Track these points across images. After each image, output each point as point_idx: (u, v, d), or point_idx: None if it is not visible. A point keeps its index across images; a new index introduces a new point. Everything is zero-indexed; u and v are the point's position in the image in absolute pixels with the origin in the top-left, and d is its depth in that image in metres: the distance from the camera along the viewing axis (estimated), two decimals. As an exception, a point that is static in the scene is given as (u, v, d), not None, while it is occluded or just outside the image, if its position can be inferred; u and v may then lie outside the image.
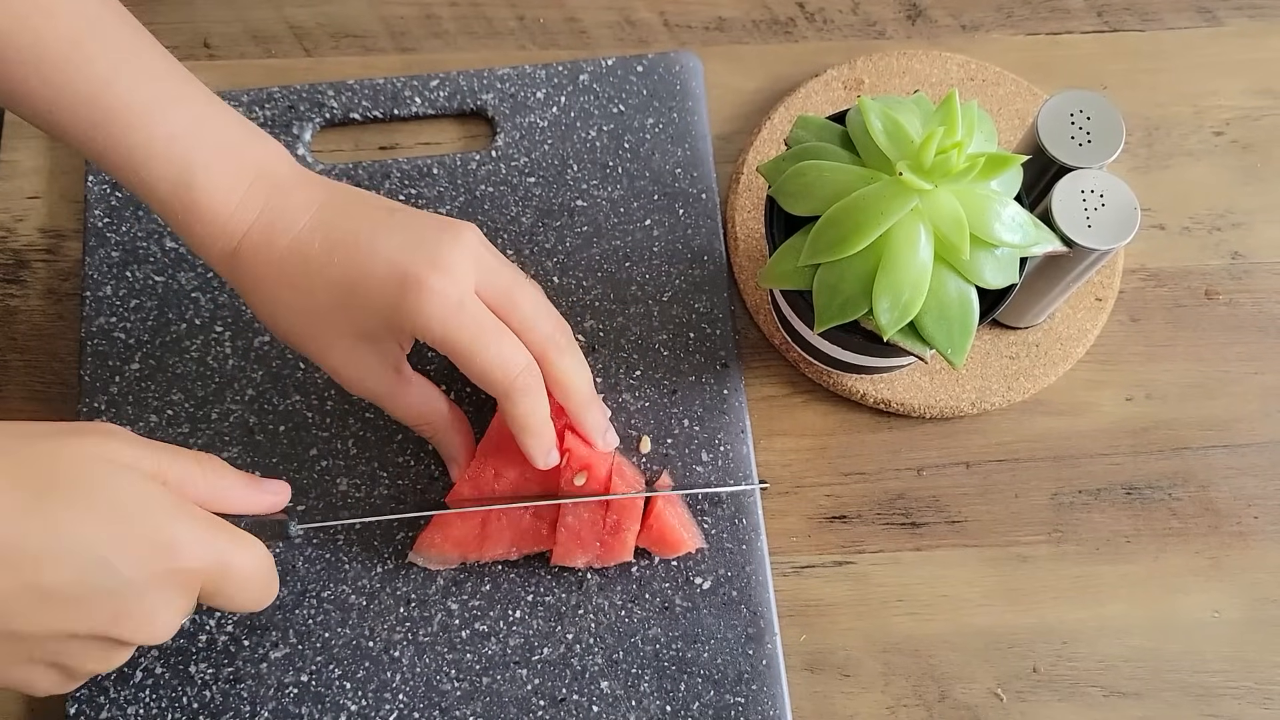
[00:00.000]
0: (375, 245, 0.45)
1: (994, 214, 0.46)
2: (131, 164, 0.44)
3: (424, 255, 0.45)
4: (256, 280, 0.46)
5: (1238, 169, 0.62)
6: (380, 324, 0.46)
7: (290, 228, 0.46)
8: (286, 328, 0.47)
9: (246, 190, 0.46)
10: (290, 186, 0.47)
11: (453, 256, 0.45)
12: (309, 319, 0.46)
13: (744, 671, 0.52)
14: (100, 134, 0.44)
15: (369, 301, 0.45)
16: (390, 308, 0.45)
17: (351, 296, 0.45)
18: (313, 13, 0.66)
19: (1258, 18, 0.65)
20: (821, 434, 0.58)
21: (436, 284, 0.44)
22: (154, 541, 0.39)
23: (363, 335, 0.46)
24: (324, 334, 0.46)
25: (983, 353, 0.58)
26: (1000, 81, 0.63)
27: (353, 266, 0.45)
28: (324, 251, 0.45)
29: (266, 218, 0.46)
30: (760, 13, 0.66)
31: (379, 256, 0.45)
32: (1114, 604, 0.55)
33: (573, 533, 0.51)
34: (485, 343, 0.45)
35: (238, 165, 0.46)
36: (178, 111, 0.45)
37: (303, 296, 0.46)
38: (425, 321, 0.45)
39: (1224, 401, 0.58)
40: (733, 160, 0.63)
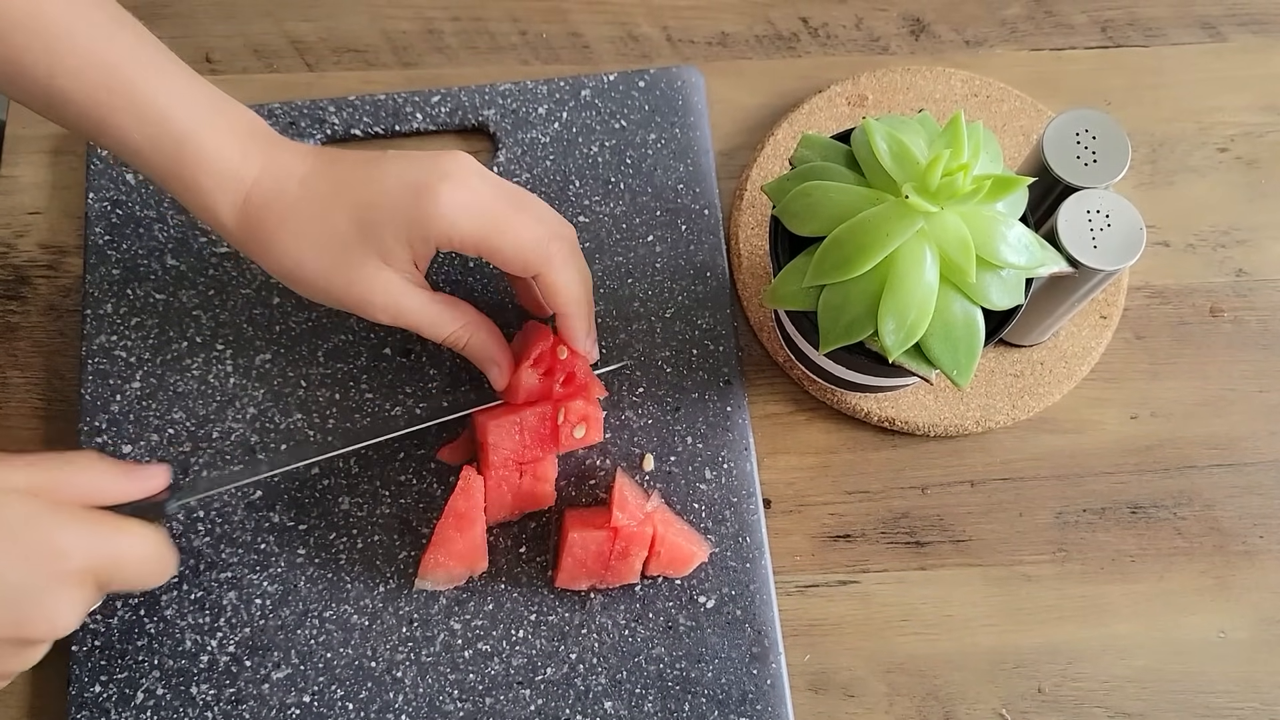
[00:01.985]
0: (382, 171, 0.48)
1: (1000, 235, 0.45)
2: (137, 127, 0.46)
3: (432, 170, 0.47)
4: (271, 230, 0.48)
5: (1242, 185, 0.62)
6: (401, 239, 0.47)
7: (295, 174, 0.48)
8: (308, 269, 0.48)
9: (246, 144, 0.48)
10: (278, 141, 0.49)
11: (459, 167, 0.48)
12: (330, 252, 0.48)
13: (748, 691, 0.52)
14: (106, 95, 0.45)
15: (388, 217, 0.47)
16: (412, 220, 0.47)
17: (368, 216, 0.47)
18: (314, 27, 0.65)
19: (1262, 34, 0.65)
20: (825, 452, 0.58)
21: (448, 188, 0.47)
22: (40, 551, 0.42)
23: (384, 256, 0.48)
24: (347, 264, 0.48)
25: (987, 371, 0.58)
26: (1004, 98, 0.63)
27: (366, 192, 0.47)
28: (333, 188, 0.48)
29: (270, 171, 0.48)
30: (763, 28, 0.66)
31: (389, 177, 0.47)
32: (1119, 624, 0.55)
33: (579, 561, 0.51)
34: (509, 223, 0.48)
35: (232, 123, 0.48)
36: (170, 77, 0.47)
37: (321, 229, 0.47)
38: (449, 220, 0.47)
39: (1229, 420, 0.58)
40: (735, 176, 0.63)
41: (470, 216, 0.47)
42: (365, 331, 0.58)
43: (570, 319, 0.51)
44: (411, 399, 0.57)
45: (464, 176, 0.48)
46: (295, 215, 0.48)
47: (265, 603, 0.53)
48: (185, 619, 0.53)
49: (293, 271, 0.48)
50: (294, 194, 0.48)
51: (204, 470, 0.55)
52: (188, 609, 0.53)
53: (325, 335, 0.58)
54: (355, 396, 0.57)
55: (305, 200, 0.48)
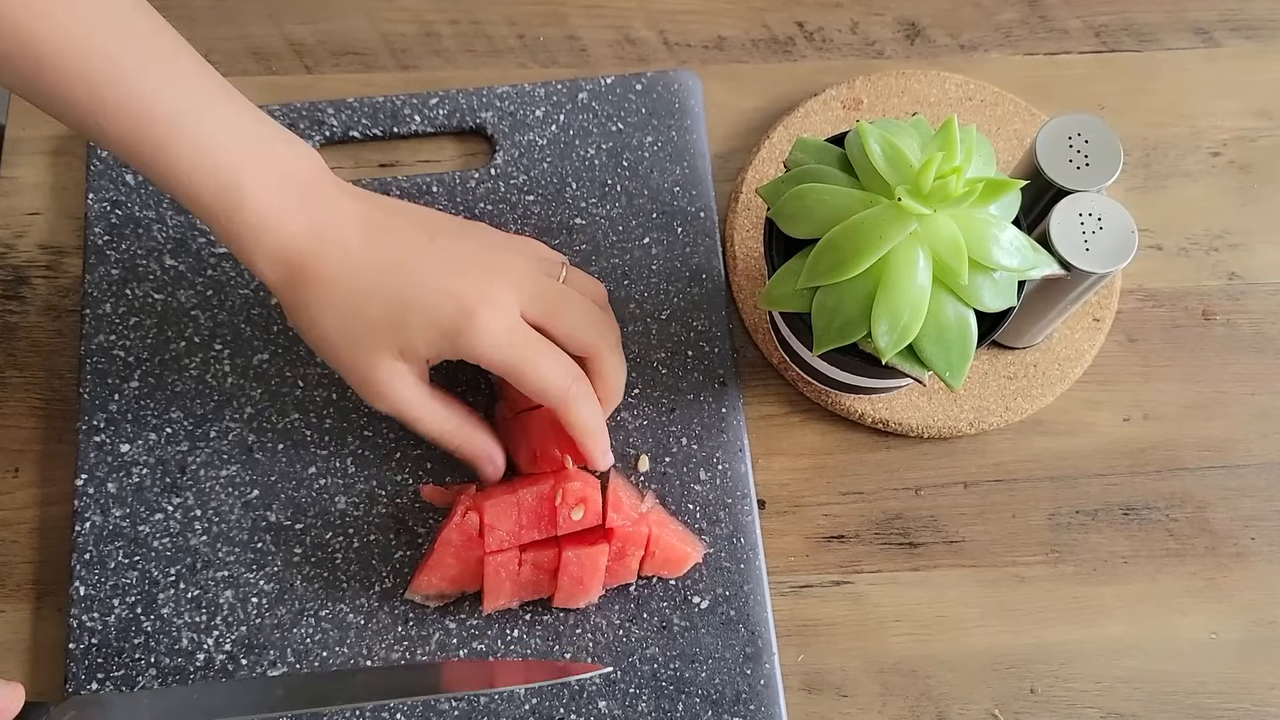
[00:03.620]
0: (429, 272, 0.48)
1: (992, 238, 0.46)
2: (175, 171, 0.45)
3: (475, 289, 0.48)
4: (302, 294, 0.47)
5: (1235, 190, 0.63)
6: (429, 346, 0.48)
7: (341, 239, 0.47)
8: (325, 337, 0.48)
9: (289, 193, 0.47)
10: (330, 193, 0.48)
11: (499, 289, 0.48)
12: (354, 333, 0.48)
13: (742, 691, 0.52)
14: (142, 141, 0.44)
15: (423, 325, 0.47)
16: (446, 337, 0.47)
17: (404, 318, 0.47)
18: (313, 30, 0.66)
19: (1255, 39, 0.66)
20: (819, 453, 0.58)
21: (489, 316, 0.47)
22: None
23: (404, 353, 0.48)
24: (364, 347, 0.48)
25: (981, 373, 0.58)
26: (998, 101, 0.63)
27: (407, 292, 0.47)
28: (378, 272, 0.48)
29: (315, 225, 0.47)
30: (759, 32, 0.66)
31: (434, 282, 0.48)
32: (1111, 625, 0.55)
33: (575, 580, 0.51)
34: (536, 363, 0.48)
35: (277, 168, 0.47)
36: (215, 116, 0.46)
37: (351, 310, 0.47)
38: (480, 349, 0.47)
39: (1221, 422, 0.58)
40: (731, 179, 0.63)
41: (500, 351, 0.48)
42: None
43: (584, 448, 0.51)
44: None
45: (506, 303, 0.48)
46: (331, 287, 0.47)
47: (261, 601, 0.53)
48: (182, 617, 0.53)
49: (313, 337, 0.49)
50: (335, 266, 0.47)
51: (201, 469, 0.55)
52: (184, 607, 0.53)
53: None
54: (352, 396, 0.57)
55: (345, 277, 0.47)
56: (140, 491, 0.55)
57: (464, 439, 0.52)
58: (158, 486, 0.55)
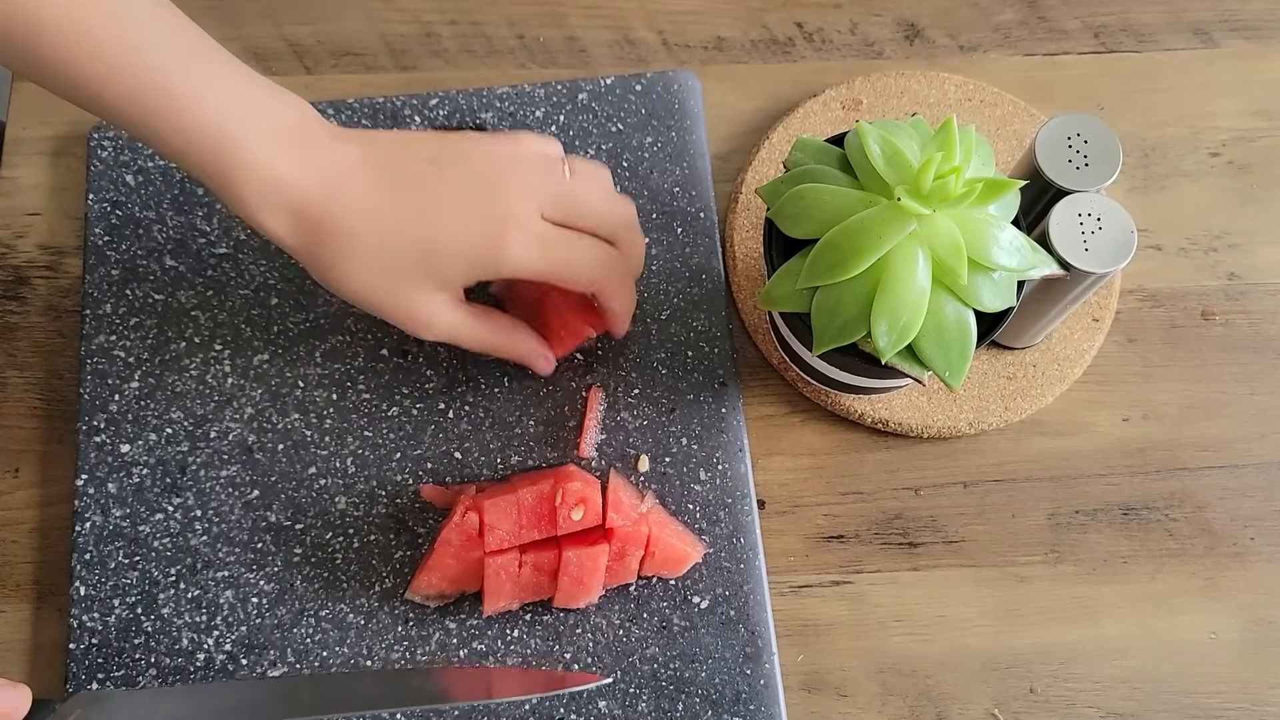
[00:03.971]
0: (449, 210, 0.48)
1: (991, 238, 0.46)
2: (174, 133, 0.45)
3: (496, 213, 0.48)
4: (330, 245, 0.48)
5: (1234, 190, 0.63)
6: (466, 276, 0.49)
7: (350, 187, 0.48)
8: (364, 287, 0.49)
9: (289, 147, 0.47)
10: (325, 140, 0.48)
11: (517, 204, 0.49)
12: (388, 276, 0.48)
13: (742, 691, 0.53)
14: (139, 107, 0.45)
15: (456, 260, 0.49)
16: (481, 266, 0.49)
17: (435, 258, 0.48)
18: (312, 30, 0.66)
19: (1254, 39, 0.66)
20: (819, 453, 0.58)
21: (514, 235, 0.48)
22: None
23: (442, 285, 0.49)
24: (403, 288, 0.49)
25: (980, 373, 0.58)
26: (998, 102, 0.63)
27: (434, 236, 0.48)
28: (397, 215, 0.48)
29: (321, 175, 0.47)
30: (759, 32, 0.66)
31: (457, 219, 0.48)
32: (1111, 625, 0.55)
33: (575, 580, 0.51)
34: (572, 261, 0.50)
35: (275, 122, 0.47)
36: (213, 78, 0.46)
37: (380, 256, 0.48)
38: (516, 265, 0.49)
39: (1221, 422, 0.58)
40: (731, 179, 0.63)
41: (535, 261, 0.49)
42: (363, 332, 0.58)
43: (616, 321, 0.55)
44: (408, 399, 0.57)
45: (528, 215, 0.49)
46: (353, 239, 0.47)
47: (262, 601, 0.53)
48: (182, 617, 0.53)
49: (346, 289, 0.49)
50: (353, 217, 0.47)
51: (201, 470, 0.55)
52: (184, 607, 0.53)
53: (323, 336, 0.58)
54: (352, 397, 0.57)
55: (367, 228, 0.47)
56: (140, 492, 0.55)
57: (514, 345, 0.54)
58: (158, 487, 0.55)
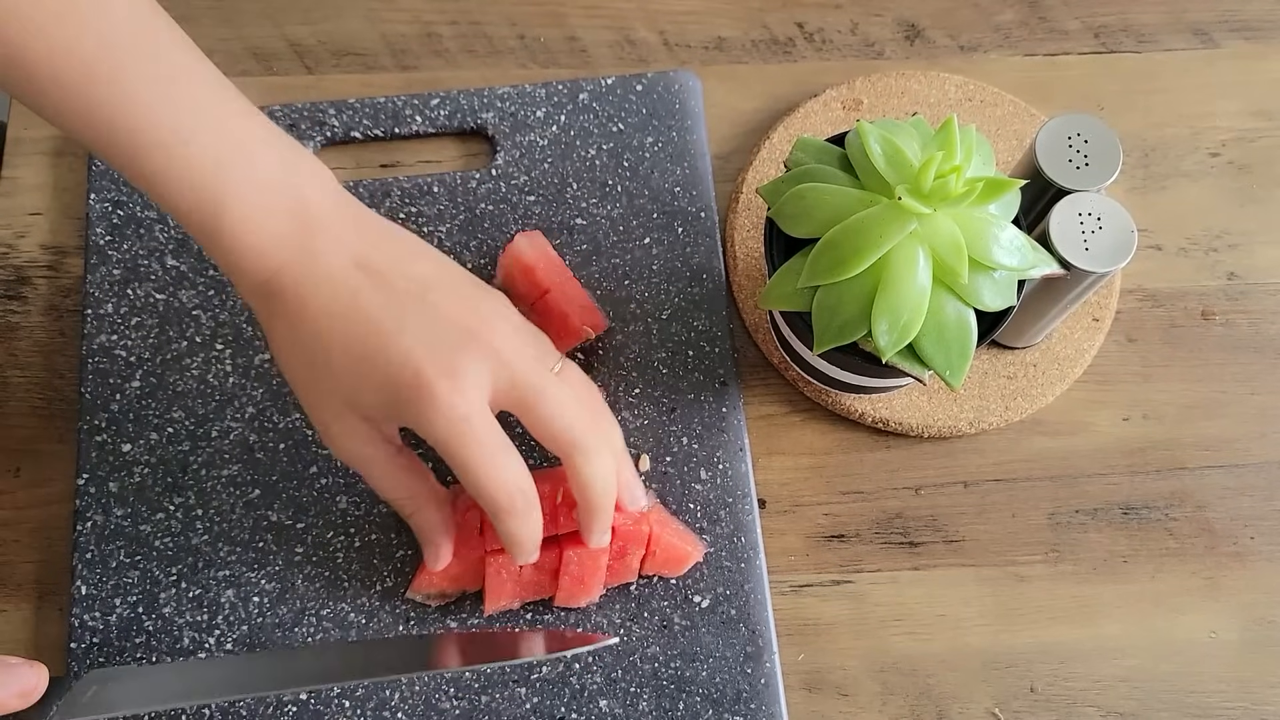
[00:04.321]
0: (398, 334, 0.44)
1: (992, 237, 0.46)
2: (157, 189, 0.43)
3: (441, 359, 0.43)
4: (280, 322, 0.45)
5: (1234, 190, 0.63)
6: (381, 410, 0.45)
7: (326, 280, 0.44)
8: (294, 375, 0.46)
9: (280, 221, 0.44)
10: (325, 222, 0.45)
11: (468, 364, 0.44)
12: (318, 375, 0.45)
13: (742, 690, 0.53)
14: (125, 157, 0.42)
15: (377, 388, 0.44)
16: (397, 403, 0.44)
17: (362, 376, 0.44)
18: (313, 31, 0.66)
19: (1254, 40, 0.66)
20: (820, 453, 0.58)
21: (445, 394, 0.43)
22: None
23: (355, 410, 0.46)
24: (326, 395, 0.45)
25: (980, 373, 0.58)
26: (998, 102, 0.63)
27: (371, 348, 0.44)
28: (349, 319, 0.44)
29: (301, 257, 0.44)
30: (759, 32, 0.66)
31: (398, 348, 0.44)
32: (1111, 624, 0.55)
33: (576, 580, 0.51)
34: (482, 462, 0.44)
35: (272, 194, 0.44)
36: (210, 131, 0.43)
37: (318, 356, 0.45)
38: (428, 429, 0.44)
39: (1221, 422, 0.58)
40: (732, 179, 0.63)
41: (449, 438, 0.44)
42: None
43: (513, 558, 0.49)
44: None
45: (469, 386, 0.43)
46: (303, 328, 0.44)
47: (263, 600, 0.54)
48: (183, 616, 0.53)
49: (280, 368, 0.47)
50: (311, 305, 0.44)
51: (203, 469, 0.56)
52: (185, 606, 0.53)
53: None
54: (353, 396, 0.57)
55: (318, 320, 0.44)
56: (142, 491, 0.55)
57: (412, 514, 0.50)
58: (159, 486, 0.55)
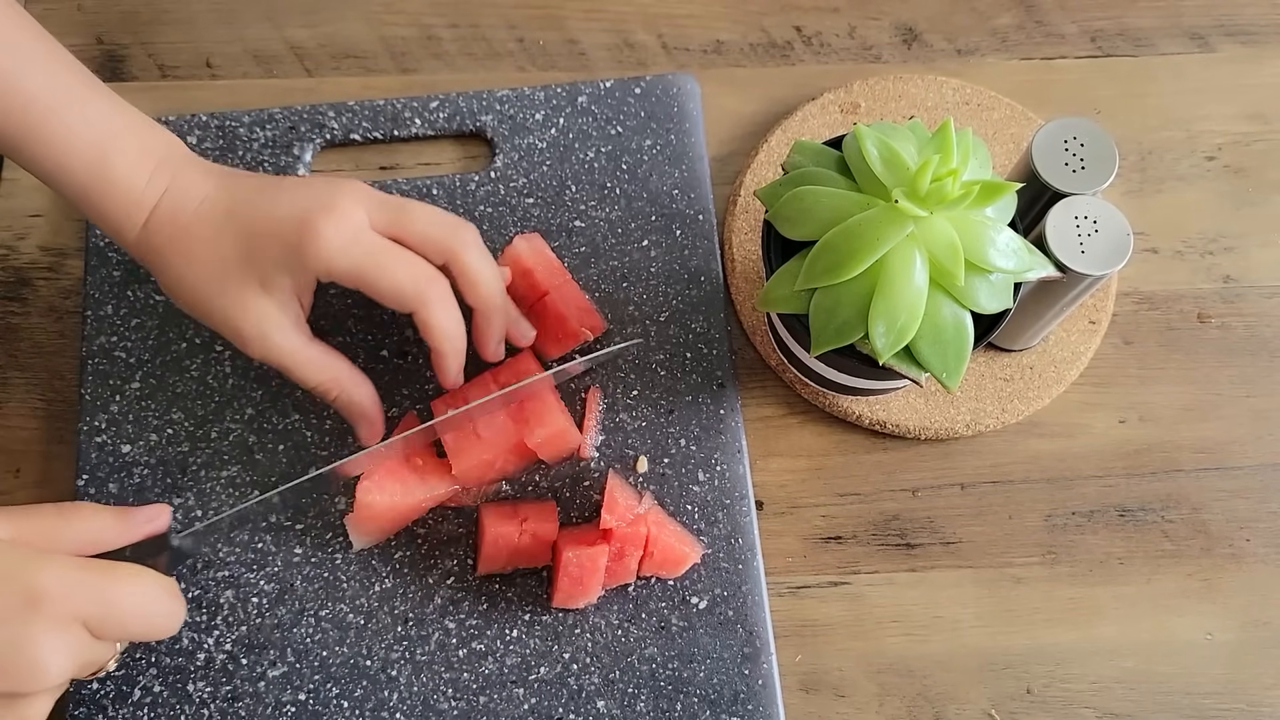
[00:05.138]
0: (273, 199, 0.49)
1: (988, 240, 0.46)
2: (50, 151, 0.48)
3: (316, 201, 0.49)
4: (163, 248, 0.49)
5: (1229, 193, 0.63)
6: (282, 268, 0.49)
7: (194, 197, 0.50)
8: (191, 288, 0.49)
9: (154, 170, 0.50)
10: (190, 165, 0.51)
11: (341, 198, 0.49)
12: (213, 274, 0.49)
13: (740, 691, 0.53)
14: (18, 124, 0.47)
15: (271, 245, 0.48)
16: (291, 250, 0.48)
17: (253, 243, 0.49)
18: (313, 33, 0.66)
19: (1249, 44, 0.66)
20: (817, 455, 0.58)
21: (331, 223, 0.48)
22: (18, 597, 0.40)
23: (264, 283, 0.49)
24: (225, 285, 0.49)
25: (977, 375, 0.58)
26: (995, 106, 0.63)
27: (254, 218, 0.49)
28: (226, 212, 0.49)
29: (171, 194, 0.50)
30: (757, 36, 0.66)
31: (278, 206, 0.49)
32: (1107, 625, 0.55)
33: (574, 580, 0.51)
34: (384, 264, 0.49)
35: (143, 149, 0.50)
36: (87, 101, 0.49)
37: (208, 250, 0.49)
38: (327, 257, 0.48)
39: (1216, 424, 0.59)
40: (730, 182, 0.63)
41: (347, 254, 0.48)
42: (363, 334, 0.58)
43: (440, 355, 0.51)
44: (408, 400, 0.57)
45: (348, 209, 0.49)
46: (187, 235, 0.49)
47: (262, 601, 0.54)
48: (182, 617, 0.53)
49: (175, 287, 0.50)
50: (190, 214, 0.49)
51: (202, 470, 0.56)
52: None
53: (323, 337, 0.58)
54: (352, 398, 0.57)
55: (199, 222, 0.49)
56: (141, 492, 0.55)
57: (343, 391, 0.52)
58: (159, 487, 0.55)
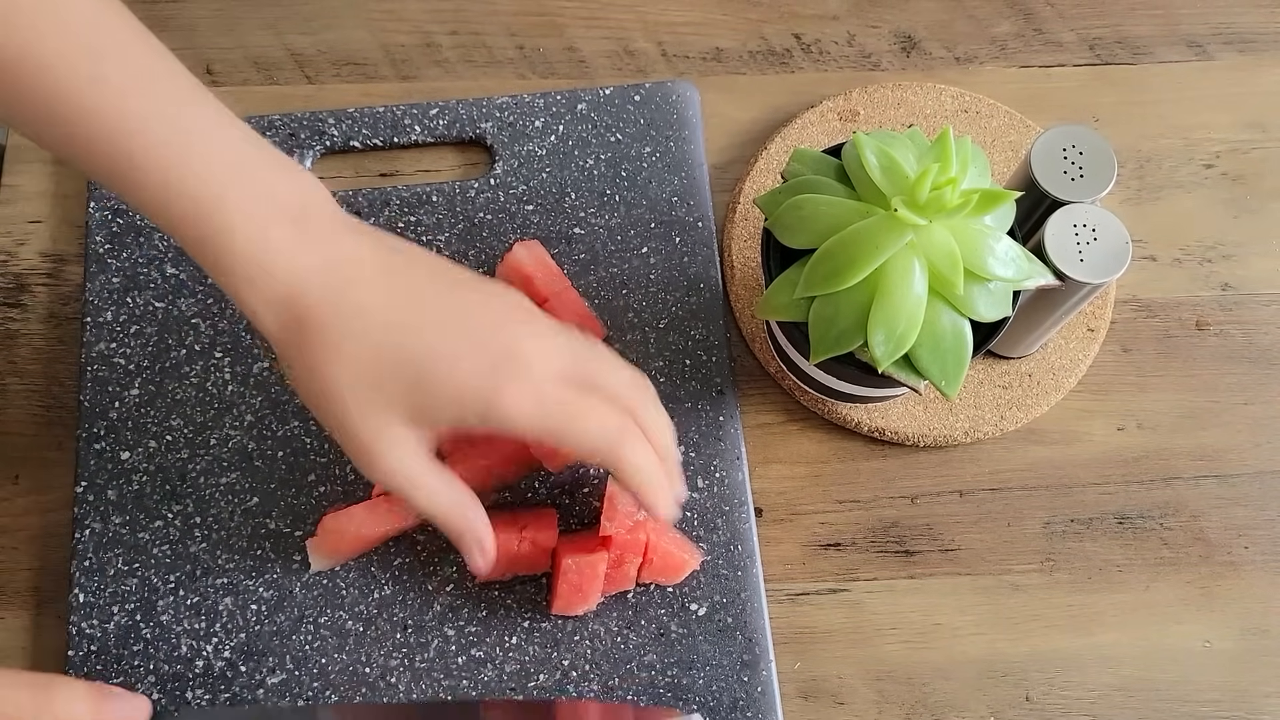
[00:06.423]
0: (452, 335, 0.43)
1: (987, 249, 0.46)
2: (157, 193, 0.41)
3: (502, 354, 0.43)
4: (313, 340, 0.43)
5: (1228, 201, 0.63)
6: (448, 417, 0.44)
7: (353, 285, 0.43)
8: (322, 390, 0.43)
9: (285, 225, 0.42)
10: (335, 228, 0.44)
11: (529, 351, 0.44)
12: (357, 388, 0.43)
13: (739, 699, 0.53)
14: (120, 153, 0.40)
15: (445, 404, 0.43)
16: (469, 408, 0.43)
17: (421, 386, 0.43)
18: (314, 40, 0.66)
19: (1247, 52, 0.66)
20: (816, 462, 0.58)
21: (518, 389, 0.43)
22: None
23: (416, 422, 0.44)
24: (370, 411, 0.43)
25: (976, 382, 0.58)
26: (993, 114, 0.63)
27: (425, 358, 0.43)
28: (397, 328, 0.43)
29: (322, 265, 0.42)
30: (757, 43, 0.67)
31: (459, 359, 0.43)
32: (1106, 633, 0.55)
33: (574, 588, 0.51)
34: (574, 418, 0.44)
35: (272, 204, 0.42)
36: (204, 144, 0.42)
37: (367, 369, 0.43)
38: (513, 422, 0.43)
39: (1214, 432, 0.59)
40: (729, 189, 0.63)
41: (533, 417, 0.43)
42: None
43: (646, 499, 0.46)
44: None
45: (537, 366, 0.43)
46: (344, 343, 0.42)
47: (261, 608, 0.54)
48: (181, 624, 0.53)
49: (312, 391, 0.44)
50: (348, 317, 0.42)
51: (201, 476, 0.56)
52: (183, 614, 0.53)
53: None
54: (352, 404, 0.57)
55: (361, 332, 0.42)
56: (140, 498, 0.55)
57: (458, 520, 0.47)
58: (158, 493, 0.55)
